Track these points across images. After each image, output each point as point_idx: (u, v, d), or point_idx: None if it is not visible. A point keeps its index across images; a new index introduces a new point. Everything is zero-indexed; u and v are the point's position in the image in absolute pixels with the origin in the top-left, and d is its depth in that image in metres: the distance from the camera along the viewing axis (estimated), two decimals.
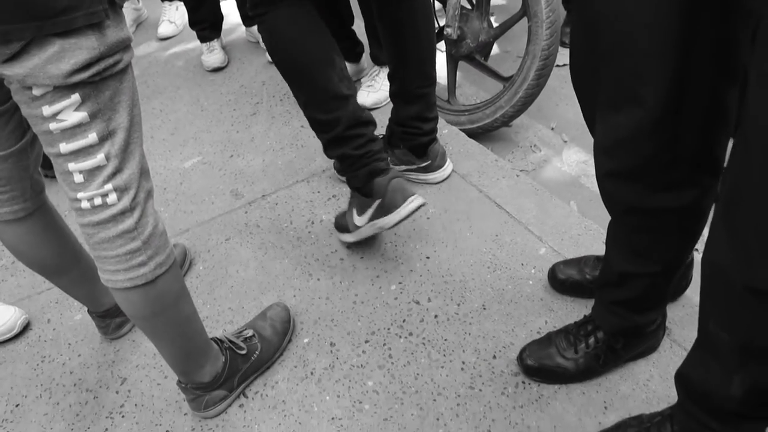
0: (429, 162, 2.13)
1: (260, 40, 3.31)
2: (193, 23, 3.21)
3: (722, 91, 1.05)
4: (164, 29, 3.66)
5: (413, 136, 2.08)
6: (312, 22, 1.72)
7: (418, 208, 1.77)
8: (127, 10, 3.79)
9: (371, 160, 1.81)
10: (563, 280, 1.72)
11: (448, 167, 2.17)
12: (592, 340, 1.50)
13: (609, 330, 1.48)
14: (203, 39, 3.24)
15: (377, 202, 1.80)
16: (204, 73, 3.23)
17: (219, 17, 3.24)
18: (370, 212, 1.87)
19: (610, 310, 1.46)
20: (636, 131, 1.10)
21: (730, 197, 0.95)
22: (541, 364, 1.52)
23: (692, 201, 1.19)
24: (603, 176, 1.23)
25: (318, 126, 1.83)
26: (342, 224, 2.04)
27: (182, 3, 3.73)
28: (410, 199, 1.76)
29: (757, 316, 0.98)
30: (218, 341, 1.57)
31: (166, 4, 3.71)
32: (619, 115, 1.12)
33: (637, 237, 1.31)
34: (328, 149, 1.85)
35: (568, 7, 3.11)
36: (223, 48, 3.30)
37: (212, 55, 3.21)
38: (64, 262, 1.55)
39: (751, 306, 0.97)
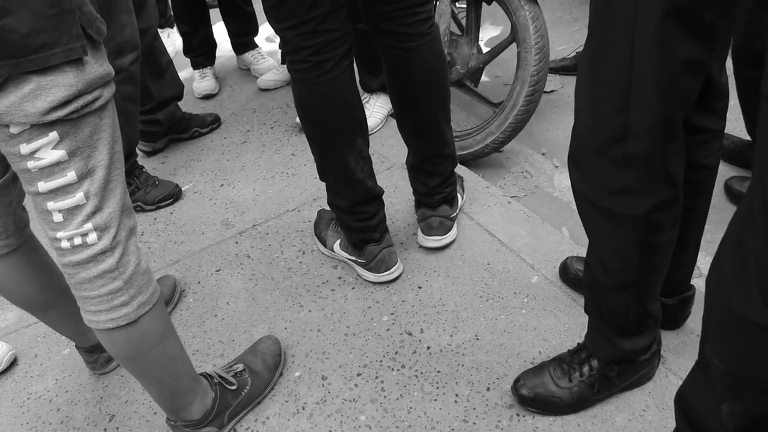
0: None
1: (251, 67, 3.32)
2: (187, 50, 3.21)
3: (669, 103, 1.09)
4: None
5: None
6: (348, 99, 1.67)
7: (395, 279, 1.93)
8: None
9: (366, 232, 1.87)
10: (569, 272, 1.82)
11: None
12: (586, 368, 1.48)
13: (602, 357, 1.47)
14: (196, 66, 3.24)
15: (362, 260, 1.91)
16: (195, 100, 3.22)
17: (213, 44, 3.25)
18: (351, 256, 1.95)
19: (600, 332, 1.46)
20: (594, 117, 1.16)
21: (741, 218, 0.94)
22: (536, 394, 1.49)
23: (646, 212, 1.21)
24: (568, 162, 1.29)
25: (325, 183, 1.85)
26: (321, 234, 2.06)
27: (174, 30, 3.75)
28: (391, 270, 1.91)
29: (750, 347, 0.97)
30: (208, 376, 1.55)
31: (158, 31, 3.71)
32: (584, 101, 1.19)
33: (597, 239, 1.34)
34: (329, 201, 1.88)
35: None
36: (215, 75, 3.29)
37: (204, 81, 3.21)
38: (49, 298, 1.53)
39: (746, 336, 0.96)
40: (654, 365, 1.53)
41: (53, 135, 1.00)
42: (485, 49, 2.55)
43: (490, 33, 3.68)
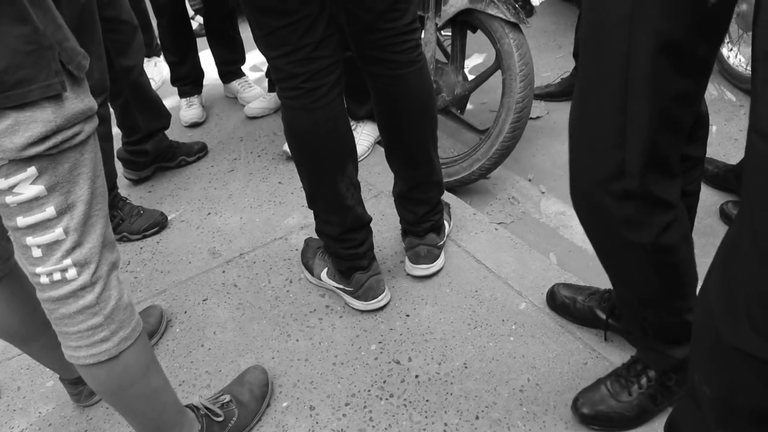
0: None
1: (238, 95, 3.33)
2: (174, 80, 3.22)
3: (663, 136, 1.10)
4: None
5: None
6: (340, 125, 1.68)
7: (383, 307, 1.92)
8: None
9: (355, 260, 1.86)
10: (557, 299, 1.80)
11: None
12: (644, 380, 1.47)
13: (657, 368, 1.46)
14: (183, 94, 3.25)
15: (350, 288, 1.90)
16: (182, 128, 3.22)
17: (200, 73, 3.26)
18: (339, 284, 1.94)
19: (648, 347, 1.46)
20: (591, 155, 1.18)
21: (728, 247, 0.95)
22: (597, 411, 1.48)
23: (654, 238, 1.21)
24: (571, 196, 1.28)
25: (314, 211, 1.85)
26: (308, 262, 2.05)
27: (161, 59, 3.76)
28: (379, 298, 1.90)
29: (739, 375, 0.96)
30: (194, 408, 1.53)
31: (144, 60, 3.72)
32: (580, 139, 1.20)
33: (613, 266, 1.34)
34: (317, 229, 1.87)
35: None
36: (202, 104, 3.30)
37: (191, 110, 3.21)
38: (32, 330, 1.50)
39: (735, 364, 0.96)
40: None
41: (31, 170, 0.99)
42: (470, 77, 2.57)
43: (475, 61, 3.72)
